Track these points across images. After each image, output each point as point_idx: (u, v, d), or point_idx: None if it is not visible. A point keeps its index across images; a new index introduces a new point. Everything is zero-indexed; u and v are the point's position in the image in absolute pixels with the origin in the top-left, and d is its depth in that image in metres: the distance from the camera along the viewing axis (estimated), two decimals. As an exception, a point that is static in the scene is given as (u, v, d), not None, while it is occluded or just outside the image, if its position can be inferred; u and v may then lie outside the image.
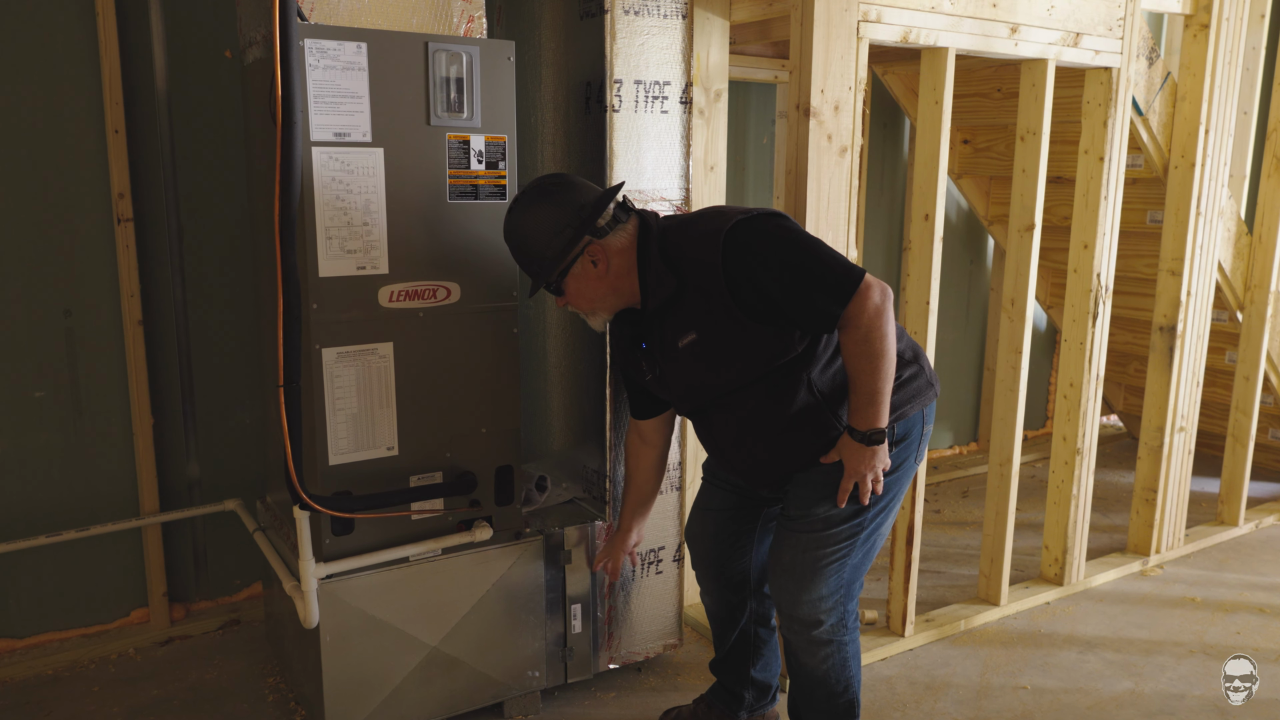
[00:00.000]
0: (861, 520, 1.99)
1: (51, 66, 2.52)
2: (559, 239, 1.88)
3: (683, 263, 1.87)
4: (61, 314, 2.62)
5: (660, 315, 1.93)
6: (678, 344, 1.92)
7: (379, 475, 2.17)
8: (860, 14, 2.36)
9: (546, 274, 1.90)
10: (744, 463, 2.06)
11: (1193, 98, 3.23)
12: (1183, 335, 3.38)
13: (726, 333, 1.85)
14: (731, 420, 2.00)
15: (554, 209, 1.89)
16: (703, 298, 1.85)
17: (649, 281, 1.90)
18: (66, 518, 2.69)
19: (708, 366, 1.91)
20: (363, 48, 1.99)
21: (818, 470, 1.98)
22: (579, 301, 1.96)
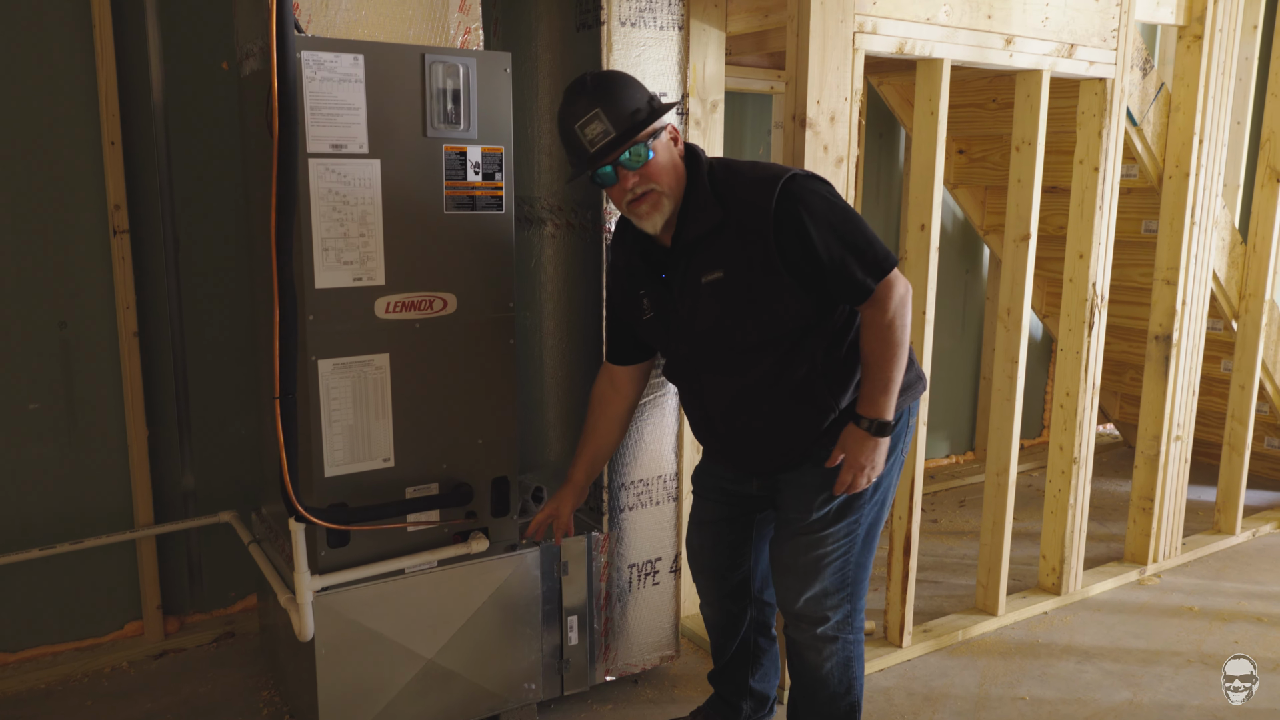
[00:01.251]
0: (859, 516, 2.00)
1: (48, 78, 2.52)
2: (650, 104, 1.83)
3: (731, 200, 1.84)
4: (57, 325, 2.62)
5: (690, 249, 1.89)
6: (701, 280, 1.87)
7: (375, 487, 2.17)
8: (856, 25, 2.37)
9: (640, 127, 1.79)
10: (730, 438, 2.02)
11: (1187, 108, 3.24)
12: (1178, 344, 3.39)
13: (755, 279, 1.82)
14: (726, 387, 1.96)
15: (636, 83, 1.86)
16: (742, 238, 1.82)
17: (690, 209, 1.87)
18: (60, 530, 2.68)
19: (725, 310, 1.87)
20: (359, 59, 1.99)
21: (809, 470, 1.98)
22: (658, 175, 1.84)
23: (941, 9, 2.54)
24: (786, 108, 2.38)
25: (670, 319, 1.96)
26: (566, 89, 1.87)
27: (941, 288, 4.40)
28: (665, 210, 1.87)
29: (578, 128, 1.82)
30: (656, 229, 1.89)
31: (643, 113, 1.82)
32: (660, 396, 2.51)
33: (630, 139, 1.80)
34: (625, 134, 1.80)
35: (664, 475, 2.56)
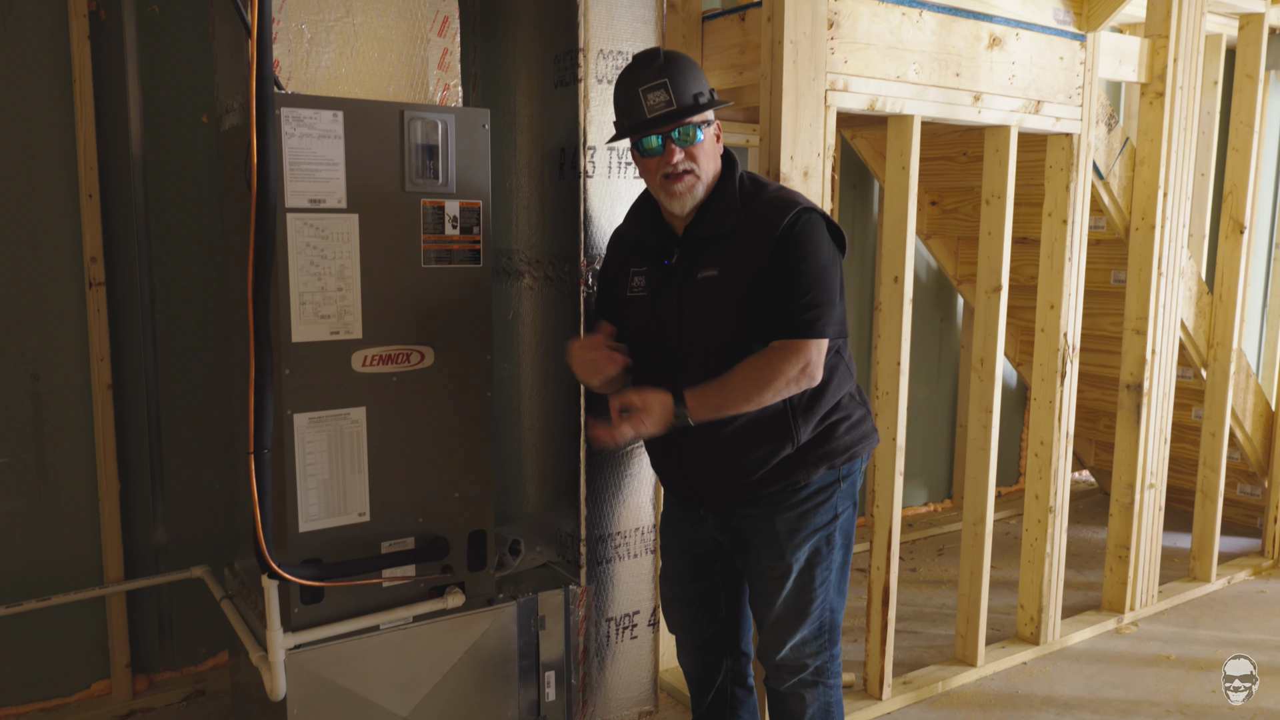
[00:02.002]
0: (829, 561, 2.03)
1: (26, 130, 2.53)
2: (711, 93, 1.93)
3: (752, 209, 1.92)
4: (29, 378, 2.59)
5: (700, 244, 1.94)
6: (698, 274, 1.93)
7: (350, 542, 2.14)
8: (828, 83, 2.43)
9: (701, 109, 1.88)
10: (690, 450, 2.00)
11: (1151, 162, 3.32)
12: (1149, 393, 3.43)
13: (745, 283, 1.88)
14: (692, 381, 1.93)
15: (702, 72, 1.95)
16: (747, 244, 1.89)
17: (714, 207, 1.93)
18: (28, 586, 2.63)
19: (711, 307, 1.91)
20: (339, 116, 2.01)
21: (773, 514, 1.98)
22: (703, 157, 1.92)
23: (911, 67, 2.60)
24: (761, 162, 2.42)
25: (660, 304, 1.98)
26: (637, 55, 1.95)
27: (916, 336, 4.44)
28: (697, 195, 1.93)
29: (642, 91, 1.89)
30: (683, 210, 1.95)
31: (704, 97, 1.91)
32: (638, 448, 2.51)
33: (689, 115, 1.88)
34: (686, 110, 1.88)
35: (642, 528, 2.55)
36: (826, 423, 1.98)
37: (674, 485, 2.13)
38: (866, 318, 4.42)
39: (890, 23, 2.55)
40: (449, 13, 2.23)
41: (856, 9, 2.47)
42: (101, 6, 2.59)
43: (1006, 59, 2.80)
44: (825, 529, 2.02)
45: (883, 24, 2.53)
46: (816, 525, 2.00)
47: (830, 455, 1.98)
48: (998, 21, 2.77)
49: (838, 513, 2.03)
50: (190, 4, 2.69)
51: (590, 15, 2.34)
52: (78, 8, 2.52)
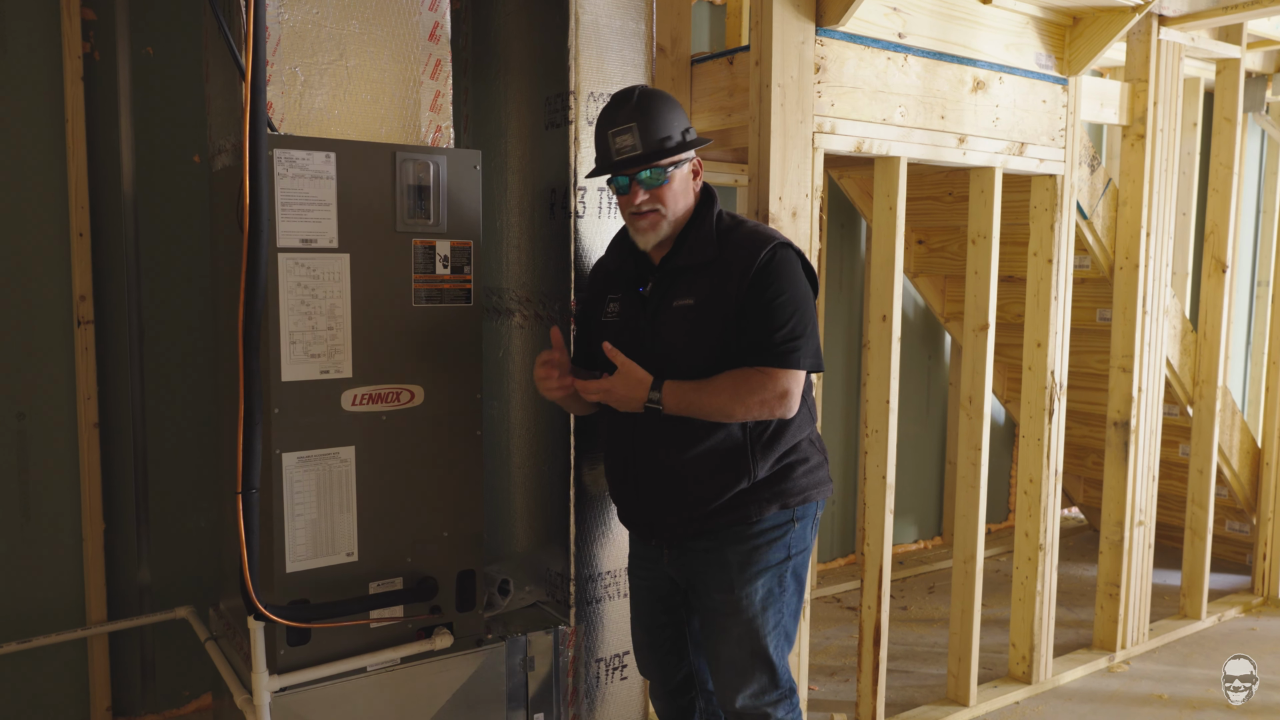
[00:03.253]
0: (781, 604, 2.02)
1: (18, 168, 2.54)
2: (687, 133, 1.97)
3: (728, 243, 1.94)
4: (15, 417, 2.58)
5: (676, 274, 1.98)
6: (673, 303, 1.96)
7: (337, 582, 2.13)
8: (815, 125, 2.46)
9: (665, 154, 1.91)
10: (646, 478, 2.02)
11: (1133, 202, 3.37)
12: (1136, 430, 3.45)
13: (719, 314, 1.91)
14: (655, 418, 1.96)
15: (683, 112, 1.99)
16: (722, 278, 1.91)
17: (690, 240, 1.97)
18: (8, 628, 2.59)
19: (684, 335, 1.93)
20: (331, 157, 2.03)
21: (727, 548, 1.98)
22: (669, 199, 1.95)
23: (897, 110, 2.64)
24: (750, 203, 2.44)
25: (633, 330, 2.01)
26: (614, 94, 2.00)
27: (905, 373, 4.47)
28: (661, 233, 1.97)
29: (611, 134, 1.95)
30: (647, 246, 2.00)
31: (672, 141, 1.94)
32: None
33: (651, 161, 1.92)
34: (649, 155, 1.92)
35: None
36: (784, 462, 1.99)
37: (629, 514, 2.12)
38: (855, 356, 4.44)
39: (876, 67, 2.59)
40: (441, 56, 2.26)
41: (843, 54, 2.52)
42: (96, 48, 2.62)
43: (990, 102, 2.85)
44: (777, 568, 2.00)
45: (869, 68, 2.58)
46: (769, 562, 1.99)
47: (784, 494, 1.99)
48: (981, 66, 2.82)
49: (790, 553, 2.02)
50: (184, 47, 2.72)
51: (581, 59, 2.37)
52: (72, 49, 2.54)
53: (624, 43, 2.45)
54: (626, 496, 2.10)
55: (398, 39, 2.20)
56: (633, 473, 2.05)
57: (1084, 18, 2.98)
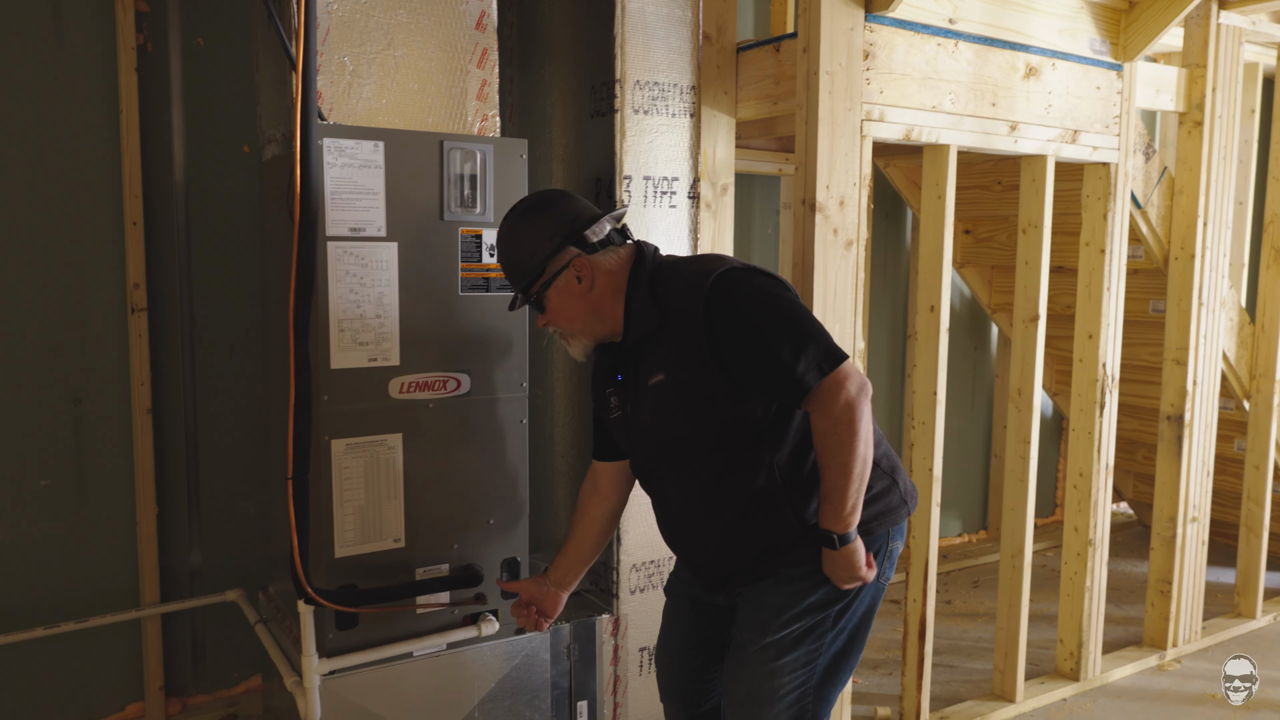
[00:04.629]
0: (819, 645, 1.80)
1: (74, 159, 2.58)
2: (547, 245, 1.79)
3: (668, 300, 1.76)
4: (71, 403, 2.63)
5: (639, 349, 1.81)
6: (648, 382, 1.79)
7: (385, 568, 2.15)
8: (864, 113, 2.43)
9: (527, 282, 1.81)
10: (692, 545, 1.88)
11: (1190, 191, 3.29)
12: (1191, 424, 3.37)
13: (695, 380, 1.72)
14: (684, 492, 1.83)
15: (547, 217, 1.82)
16: (680, 339, 1.73)
17: (633, 313, 1.80)
18: (66, 608, 2.65)
19: (668, 413, 1.77)
20: (380, 146, 2.04)
21: (770, 588, 1.80)
22: (559, 319, 1.83)
23: (947, 97, 2.60)
24: (796, 192, 2.42)
25: (631, 419, 1.87)
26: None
27: (951, 365, 4.41)
28: (579, 344, 1.86)
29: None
30: (580, 357, 1.88)
31: (523, 270, 1.81)
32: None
33: (521, 290, 1.83)
34: (517, 284, 1.84)
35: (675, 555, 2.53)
36: None
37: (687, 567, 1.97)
38: (899, 347, 4.39)
39: (926, 53, 2.55)
40: (488, 45, 2.26)
41: (892, 40, 2.48)
42: (149, 40, 2.66)
43: (1043, 89, 2.79)
44: (821, 610, 1.78)
45: (918, 55, 2.53)
46: (811, 605, 1.78)
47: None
48: (1034, 52, 2.76)
49: (838, 596, 1.78)
50: (234, 38, 2.75)
51: (627, 46, 2.37)
52: (126, 41, 2.58)
53: (670, 30, 2.43)
54: (678, 552, 1.95)
55: (444, 28, 2.21)
56: (679, 537, 1.91)
57: (1140, 2, 2.90)
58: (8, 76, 2.49)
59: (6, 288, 2.53)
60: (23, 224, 2.54)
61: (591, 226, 1.81)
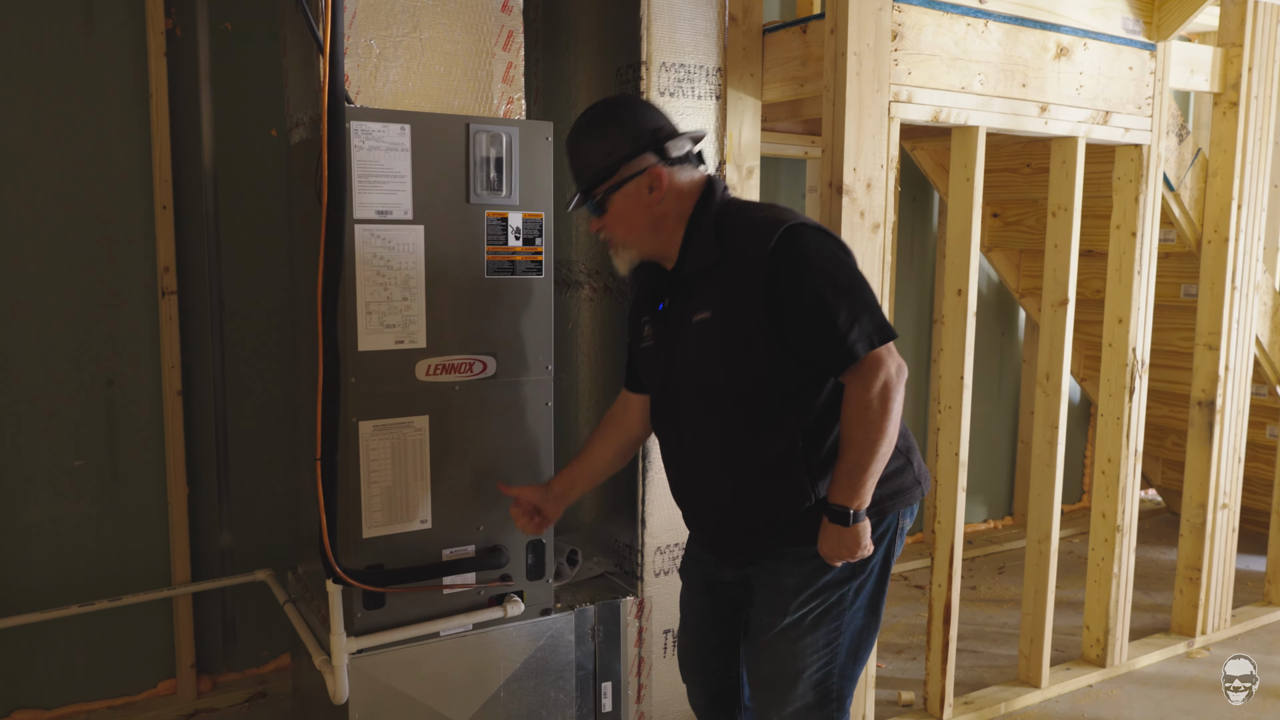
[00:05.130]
0: (840, 624, 1.80)
1: (105, 143, 2.61)
2: (626, 146, 1.75)
3: (731, 239, 1.72)
4: (104, 384, 2.67)
5: (689, 283, 1.78)
6: (692, 318, 1.76)
7: (412, 548, 2.17)
8: (891, 95, 2.40)
9: (597, 181, 1.77)
10: (702, 503, 1.86)
11: (1224, 173, 3.23)
12: (1222, 410, 3.33)
13: (741, 325, 1.69)
14: (702, 441, 1.80)
15: (632, 119, 1.79)
16: (736, 281, 1.70)
17: (693, 243, 1.77)
18: (99, 587, 2.70)
19: (706, 353, 1.74)
20: (406, 129, 2.05)
21: (785, 568, 1.80)
22: (617, 226, 1.79)
23: (976, 78, 2.57)
24: (823, 175, 2.40)
25: (663, 351, 1.84)
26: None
27: (978, 349, 4.37)
28: (625, 256, 1.83)
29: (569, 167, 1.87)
30: (623, 270, 1.85)
31: (596, 168, 1.78)
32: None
33: (588, 196, 1.81)
34: (584, 191, 1.82)
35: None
36: None
37: (694, 530, 1.98)
38: (925, 331, 4.36)
39: (955, 33, 2.52)
40: (513, 27, 2.26)
41: (921, 20, 2.45)
42: (177, 24, 2.68)
43: (1074, 69, 2.75)
44: (839, 587, 1.79)
45: (947, 35, 2.50)
46: (829, 582, 1.78)
47: None
48: (1065, 31, 2.72)
49: (854, 572, 1.79)
50: (261, 21, 2.77)
51: (653, 29, 2.35)
52: (155, 25, 2.60)
53: (696, 12, 2.42)
54: (687, 512, 1.95)
55: (470, 10, 2.21)
56: (689, 494, 1.90)
57: (1176, -21, 2.85)
58: (40, 62, 2.52)
59: (40, 271, 2.57)
60: (55, 208, 2.57)
61: (674, 140, 1.80)
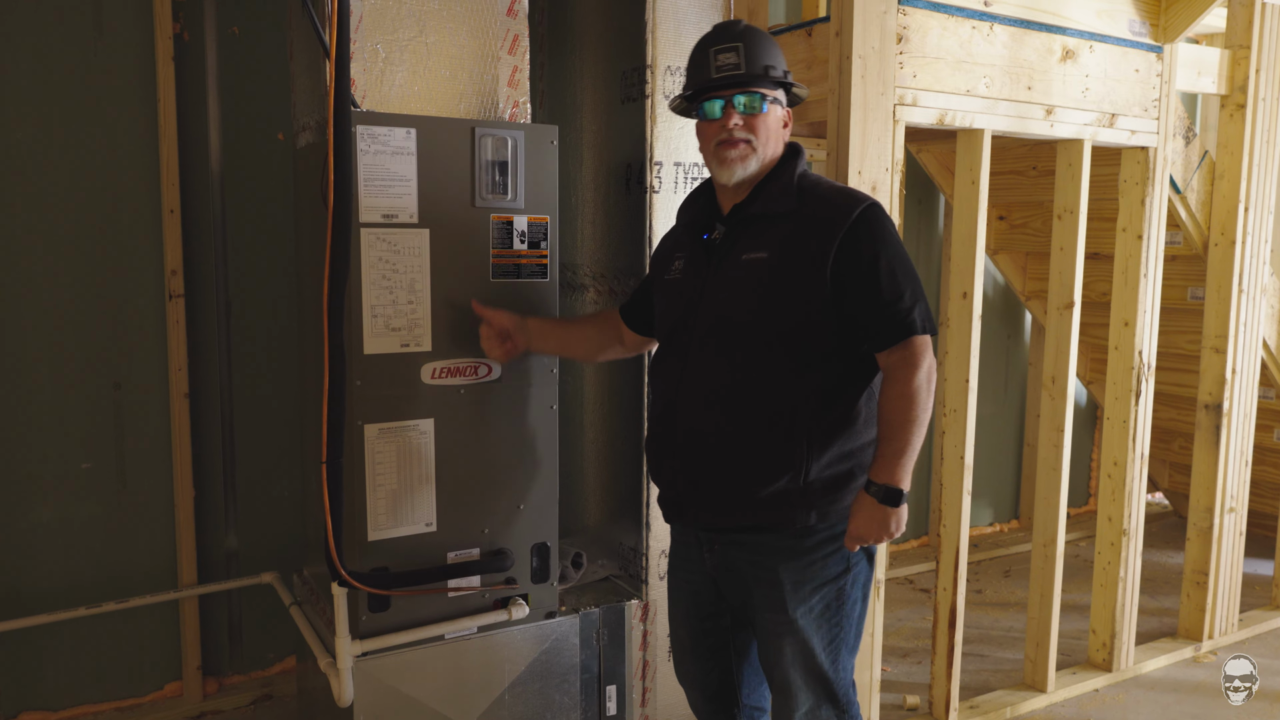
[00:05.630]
0: (840, 619, 1.84)
1: (114, 147, 2.62)
2: (785, 74, 1.83)
3: (809, 198, 1.79)
4: (112, 387, 2.68)
5: (747, 223, 1.82)
6: (742, 255, 1.79)
7: (416, 551, 2.17)
8: (896, 98, 2.40)
9: (768, 82, 1.79)
10: (687, 449, 1.83)
11: (1231, 176, 3.22)
12: (1229, 413, 3.32)
13: (798, 273, 1.74)
14: (708, 378, 1.80)
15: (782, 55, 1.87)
16: (804, 232, 1.75)
17: (769, 187, 1.81)
18: (106, 589, 2.71)
19: (752, 288, 1.77)
20: (412, 133, 2.05)
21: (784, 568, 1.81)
22: (761, 134, 1.79)
23: (981, 81, 2.57)
24: (828, 177, 2.40)
25: (694, 282, 1.85)
26: (717, 24, 1.90)
27: (983, 353, 4.36)
28: (749, 169, 1.80)
29: (713, 51, 1.80)
30: (731, 180, 1.81)
31: (776, 72, 1.81)
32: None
33: (754, 84, 1.78)
34: (753, 78, 1.78)
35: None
36: (843, 468, 1.79)
37: (671, 498, 1.92)
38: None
39: (960, 36, 2.52)
40: (519, 31, 2.26)
41: (926, 23, 2.45)
42: (185, 29, 2.69)
43: (1080, 72, 2.75)
44: (836, 582, 1.82)
45: (952, 38, 2.50)
46: (826, 577, 1.81)
47: (841, 505, 1.80)
48: (1071, 34, 2.72)
49: (850, 564, 1.83)
50: (268, 26, 2.78)
51: (658, 32, 2.36)
52: (163, 30, 2.61)
53: (701, 15, 2.42)
54: (666, 467, 1.90)
55: (476, 14, 2.21)
56: (676, 439, 1.86)
57: (1182, -18, 2.84)
58: (50, 66, 2.53)
59: (49, 274, 2.58)
60: (63, 212, 2.58)
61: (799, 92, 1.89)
